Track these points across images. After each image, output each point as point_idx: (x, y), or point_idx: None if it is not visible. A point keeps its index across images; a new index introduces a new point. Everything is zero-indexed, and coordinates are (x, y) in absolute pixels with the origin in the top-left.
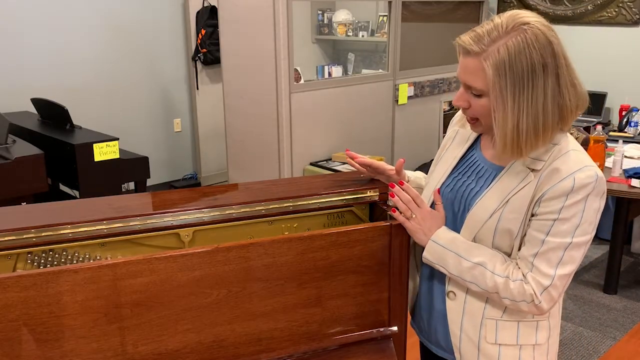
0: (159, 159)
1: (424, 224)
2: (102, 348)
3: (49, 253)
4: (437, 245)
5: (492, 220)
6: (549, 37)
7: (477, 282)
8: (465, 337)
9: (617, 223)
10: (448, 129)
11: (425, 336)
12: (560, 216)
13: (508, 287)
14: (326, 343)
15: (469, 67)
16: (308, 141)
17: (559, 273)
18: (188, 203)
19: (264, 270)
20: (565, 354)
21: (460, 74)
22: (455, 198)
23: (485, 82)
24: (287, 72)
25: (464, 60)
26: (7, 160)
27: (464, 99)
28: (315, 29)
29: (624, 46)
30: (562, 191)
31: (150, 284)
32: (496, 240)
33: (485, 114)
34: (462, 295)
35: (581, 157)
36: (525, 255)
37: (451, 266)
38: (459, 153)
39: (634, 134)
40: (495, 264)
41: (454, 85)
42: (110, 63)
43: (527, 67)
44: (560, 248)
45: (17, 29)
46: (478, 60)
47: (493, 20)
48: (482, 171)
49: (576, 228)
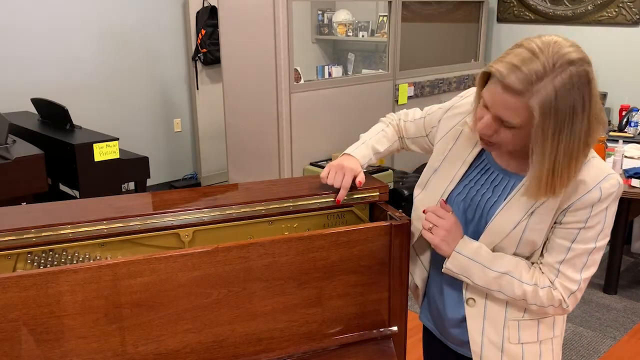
0: (159, 159)
1: (448, 236)
2: (102, 348)
3: (49, 253)
4: (462, 256)
5: (516, 231)
6: (590, 75)
7: (504, 290)
8: (487, 341)
9: (617, 223)
10: (443, 120)
11: (440, 331)
12: (586, 225)
13: (537, 295)
14: (326, 343)
15: (509, 104)
16: (308, 141)
17: (584, 277)
18: (188, 203)
19: (264, 270)
20: (565, 354)
21: (496, 107)
22: (469, 207)
23: (523, 119)
24: (287, 72)
25: (504, 96)
26: (7, 160)
27: (493, 129)
28: (315, 29)
29: (624, 46)
30: (590, 202)
31: (150, 284)
32: (519, 250)
33: (511, 143)
34: (482, 301)
35: (601, 165)
36: (551, 262)
37: (476, 277)
38: (468, 157)
39: (634, 134)
40: (522, 272)
41: (454, 86)
42: (111, 63)
43: (570, 108)
44: (585, 254)
45: (17, 29)
46: (522, 100)
47: (535, 54)
48: (497, 179)
49: (599, 234)
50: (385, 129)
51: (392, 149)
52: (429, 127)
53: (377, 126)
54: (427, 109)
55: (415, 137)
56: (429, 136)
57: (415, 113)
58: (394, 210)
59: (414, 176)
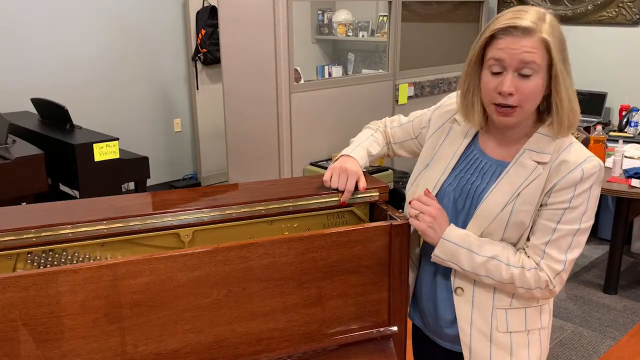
0: (159, 159)
1: (434, 222)
2: (102, 348)
3: (49, 253)
4: (449, 242)
5: (504, 214)
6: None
7: (492, 275)
8: (475, 331)
9: (617, 223)
10: (433, 118)
11: (431, 330)
12: (570, 205)
13: (524, 277)
14: (326, 343)
15: (529, 46)
16: (308, 141)
17: (569, 258)
18: (188, 203)
19: (264, 270)
20: (565, 354)
21: (516, 56)
22: (459, 196)
23: (543, 56)
24: (287, 72)
25: (521, 41)
26: (7, 160)
27: (515, 85)
28: (315, 29)
29: (624, 46)
30: (573, 181)
31: (150, 284)
32: (507, 233)
33: (532, 96)
34: (470, 289)
35: (581, 148)
36: (536, 243)
37: (464, 262)
38: (458, 149)
39: (634, 134)
40: (508, 256)
41: (454, 86)
42: (111, 63)
43: (565, 43)
44: (570, 234)
45: (17, 29)
46: (537, 37)
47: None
48: (485, 167)
49: (583, 214)
50: (374, 134)
51: (382, 153)
52: (417, 129)
53: (366, 132)
54: (413, 114)
55: (404, 141)
56: (417, 138)
57: (401, 119)
58: (394, 210)
59: None
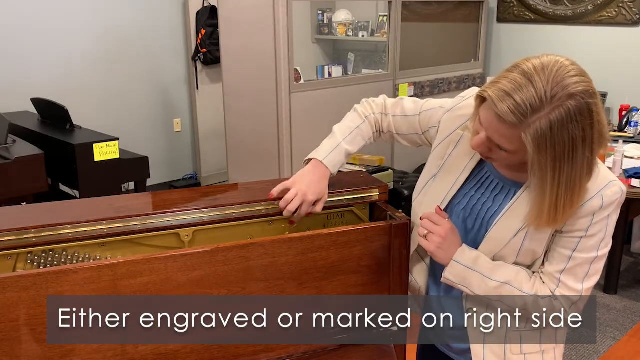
0: (159, 159)
1: (444, 243)
2: (102, 348)
3: (49, 253)
4: (460, 265)
5: (516, 240)
6: (591, 106)
7: (505, 301)
8: (489, 353)
9: (617, 223)
10: (443, 121)
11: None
12: (587, 233)
13: (537, 305)
14: (326, 343)
15: (502, 133)
16: (308, 141)
17: (585, 287)
18: (188, 203)
19: (264, 270)
20: (565, 354)
21: (489, 132)
22: (469, 215)
23: (517, 147)
24: (287, 72)
25: (498, 125)
26: (7, 160)
27: (486, 147)
28: (315, 29)
29: (624, 46)
30: (591, 210)
31: (150, 284)
32: (519, 259)
33: (507, 161)
34: (482, 311)
35: (604, 172)
36: (551, 271)
37: (476, 286)
38: (468, 164)
39: (634, 134)
40: (522, 282)
41: (454, 86)
42: (110, 63)
43: (570, 141)
44: (586, 263)
45: (17, 29)
46: (516, 132)
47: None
48: (497, 188)
49: (601, 242)
50: (361, 125)
51: (365, 145)
52: (426, 126)
53: (353, 118)
54: (423, 105)
55: (408, 134)
56: (425, 134)
57: (404, 107)
58: (394, 210)
59: (414, 176)
